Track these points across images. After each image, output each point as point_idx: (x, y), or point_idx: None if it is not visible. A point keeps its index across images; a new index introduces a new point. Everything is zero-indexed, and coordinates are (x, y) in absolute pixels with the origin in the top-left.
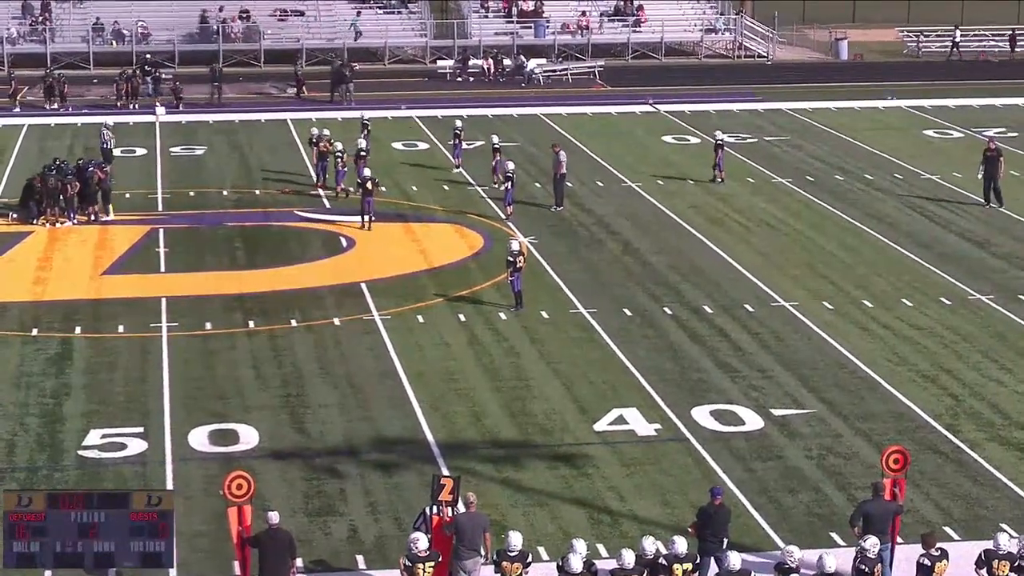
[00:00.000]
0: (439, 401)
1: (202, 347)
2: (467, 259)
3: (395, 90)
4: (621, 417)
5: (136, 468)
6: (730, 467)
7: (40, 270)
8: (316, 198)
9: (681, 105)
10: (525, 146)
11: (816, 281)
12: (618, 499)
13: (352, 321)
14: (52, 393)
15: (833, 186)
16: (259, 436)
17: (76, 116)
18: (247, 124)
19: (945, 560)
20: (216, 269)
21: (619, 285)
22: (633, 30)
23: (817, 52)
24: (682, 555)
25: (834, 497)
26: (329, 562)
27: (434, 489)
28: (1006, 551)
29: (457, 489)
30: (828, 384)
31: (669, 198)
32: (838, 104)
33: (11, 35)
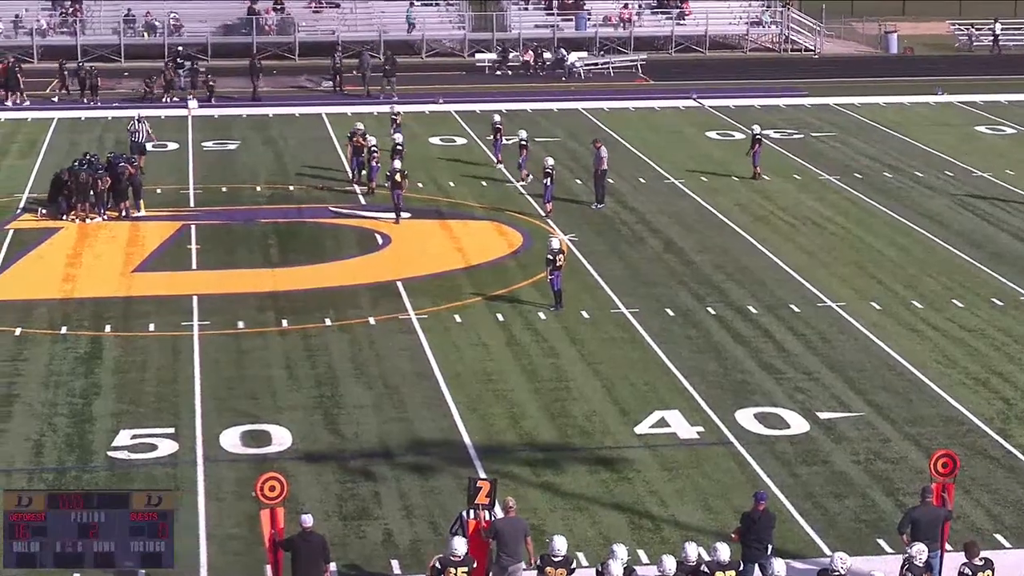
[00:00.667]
0: (476, 402)
1: (234, 346)
2: (506, 257)
3: (432, 84)
4: (663, 420)
5: (167, 469)
6: (775, 471)
7: (69, 267)
8: (351, 194)
9: (726, 100)
10: (565, 141)
11: (864, 281)
12: (659, 504)
13: (387, 320)
14: (81, 393)
15: (882, 183)
16: (292, 437)
17: (107, 110)
18: (281, 118)
19: (989, 571)
20: (249, 266)
21: (661, 284)
22: (677, 23)
23: (866, 46)
24: (725, 562)
25: (881, 503)
26: (363, 566)
27: (470, 492)
28: None
29: (494, 492)
30: (876, 387)
31: (713, 195)
32: (887, 99)
33: (41, 27)
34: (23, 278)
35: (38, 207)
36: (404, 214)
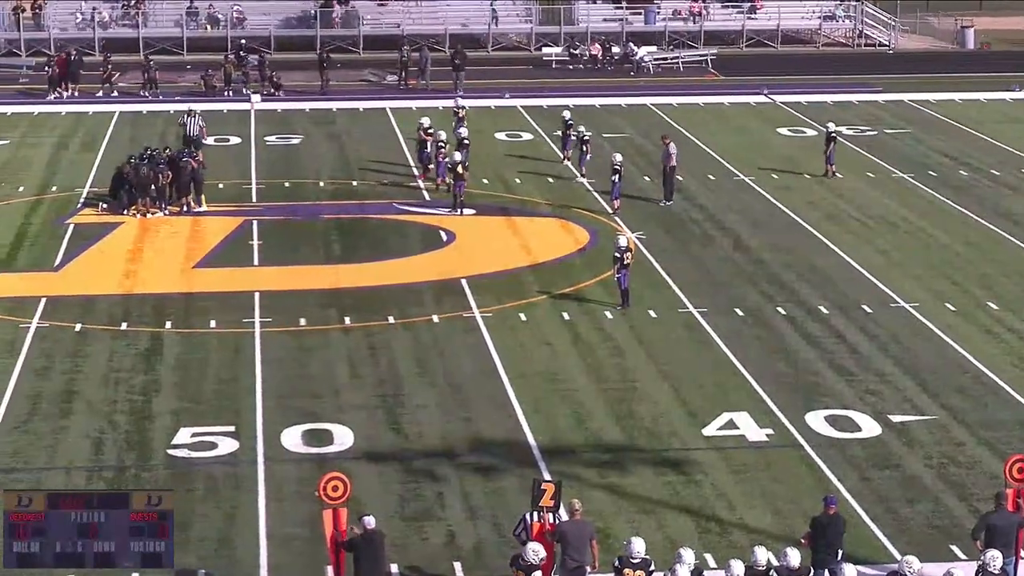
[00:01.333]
0: (541, 402)
1: (296, 344)
2: (572, 255)
3: (499, 78)
4: (731, 422)
5: (227, 468)
6: (845, 475)
7: (130, 263)
8: (416, 190)
9: (798, 96)
10: (634, 137)
11: (938, 281)
12: (727, 507)
13: (452, 318)
14: (141, 390)
15: (957, 181)
16: (354, 437)
17: (168, 103)
18: (345, 113)
19: None
20: (311, 263)
21: (730, 284)
22: (748, 17)
23: (942, 41)
24: (795, 567)
25: (955, 508)
26: (425, 568)
27: (535, 494)
28: None
29: (559, 494)
30: (950, 389)
31: (784, 193)
32: (963, 95)
33: (103, 19)
34: (83, 274)
35: (99, 202)
36: (468, 210)
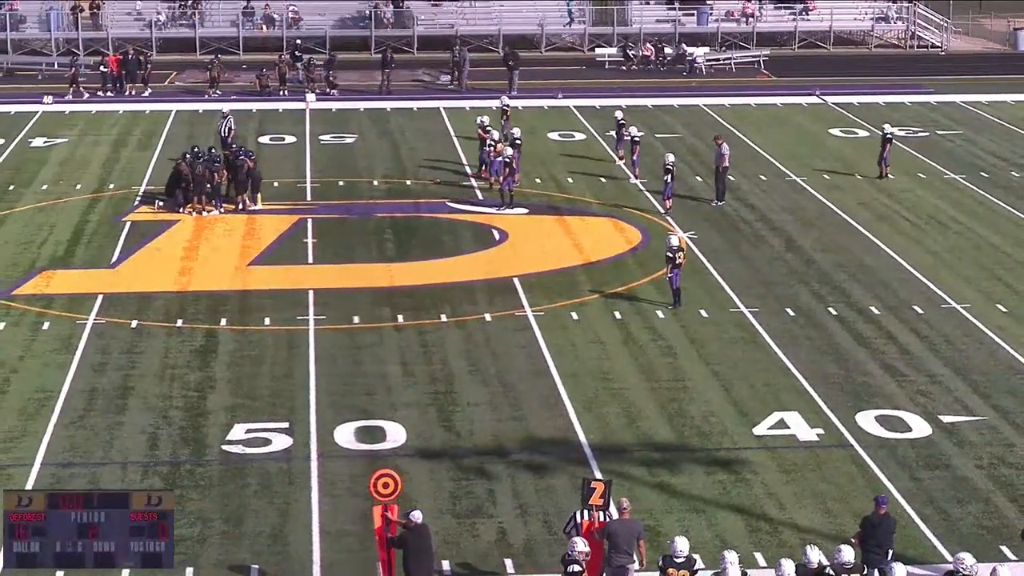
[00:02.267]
0: (592, 401)
1: (349, 341)
2: (624, 254)
3: (552, 78)
4: (782, 421)
5: (281, 464)
6: (895, 475)
7: (186, 260)
8: (468, 189)
9: (850, 97)
10: (687, 138)
11: (990, 282)
12: (778, 507)
13: (504, 317)
14: (196, 386)
15: (1009, 183)
16: (406, 434)
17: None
18: (399, 112)
19: None
20: (365, 261)
21: (782, 284)
22: (800, 18)
23: (994, 42)
24: (849, 564)
25: (1005, 509)
26: (476, 565)
27: (584, 493)
28: None
29: (608, 493)
30: (1001, 391)
31: (835, 193)
32: (1015, 97)
33: (160, 19)
34: (140, 271)
35: (155, 199)
36: (520, 209)
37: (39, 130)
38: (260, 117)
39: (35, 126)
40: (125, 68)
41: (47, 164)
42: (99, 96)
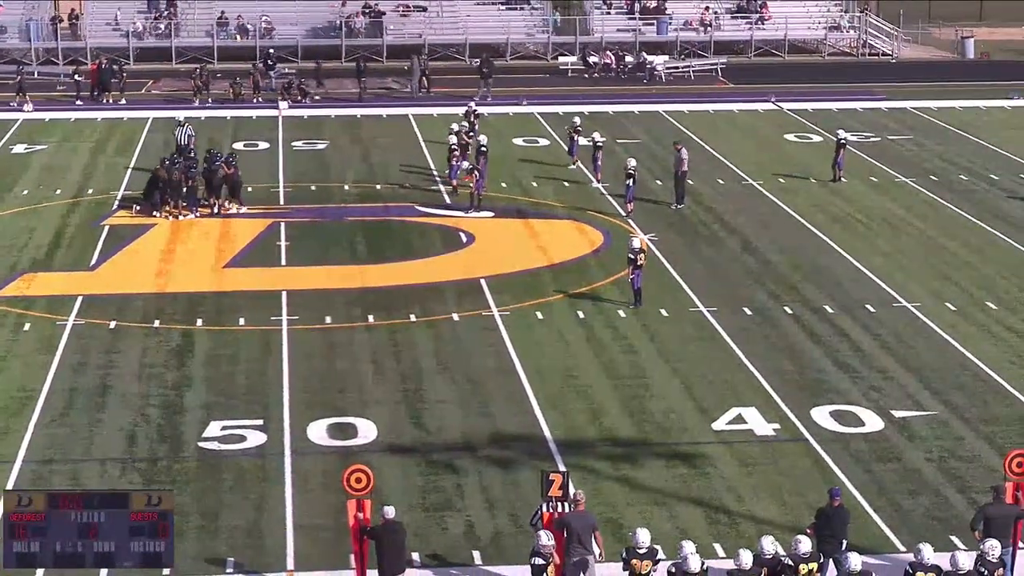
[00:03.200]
0: (557, 398)
1: (322, 341)
2: (587, 256)
3: (516, 86)
4: (740, 416)
5: (255, 460)
6: (849, 468)
7: (163, 262)
8: (436, 193)
9: (804, 103)
10: (647, 143)
11: (939, 282)
12: (736, 499)
13: (471, 317)
14: (173, 384)
15: (957, 186)
16: (377, 430)
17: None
18: (369, 119)
19: None
20: (337, 263)
21: (739, 284)
22: (756, 27)
23: (943, 51)
24: (807, 555)
25: (954, 500)
26: (445, 557)
27: (543, 486)
28: None
29: (567, 484)
30: (950, 387)
31: (791, 196)
32: (963, 103)
33: (137, 29)
34: (118, 273)
35: (133, 204)
36: (487, 213)
37: (19, 137)
38: (234, 124)
39: (16, 133)
40: (100, 77)
41: (28, 170)
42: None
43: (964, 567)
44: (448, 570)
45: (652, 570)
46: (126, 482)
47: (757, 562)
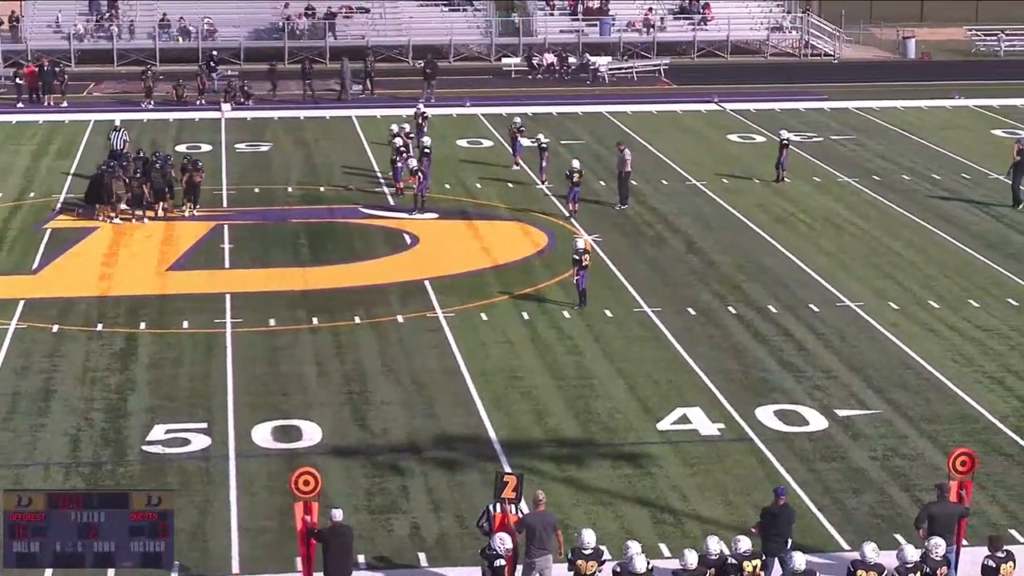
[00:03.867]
0: (502, 399)
1: (266, 343)
2: (531, 257)
3: (460, 87)
4: (684, 416)
5: (199, 464)
6: (794, 467)
7: (106, 265)
8: (380, 195)
9: (747, 104)
10: (590, 144)
11: (882, 281)
12: (681, 499)
13: (416, 318)
14: (117, 388)
15: (900, 185)
16: (322, 433)
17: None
18: (312, 121)
19: (1011, 562)
20: (281, 265)
21: (683, 284)
22: (699, 28)
23: (884, 51)
24: (747, 553)
25: (898, 498)
26: (391, 559)
27: (497, 486)
28: None
29: (520, 487)
30: (893, 385)
31: (734, 197)
32: (905, 103)
33: (78, 31)
34: (60, 276)
35: (75, 207)
36: (431, 214)
37: None
38: (177, 126)
39: None
40: (41, 79)
41: None
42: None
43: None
44: (394, 572)
45: (598, 570)
46: (68, 486)
47: (703, 562)
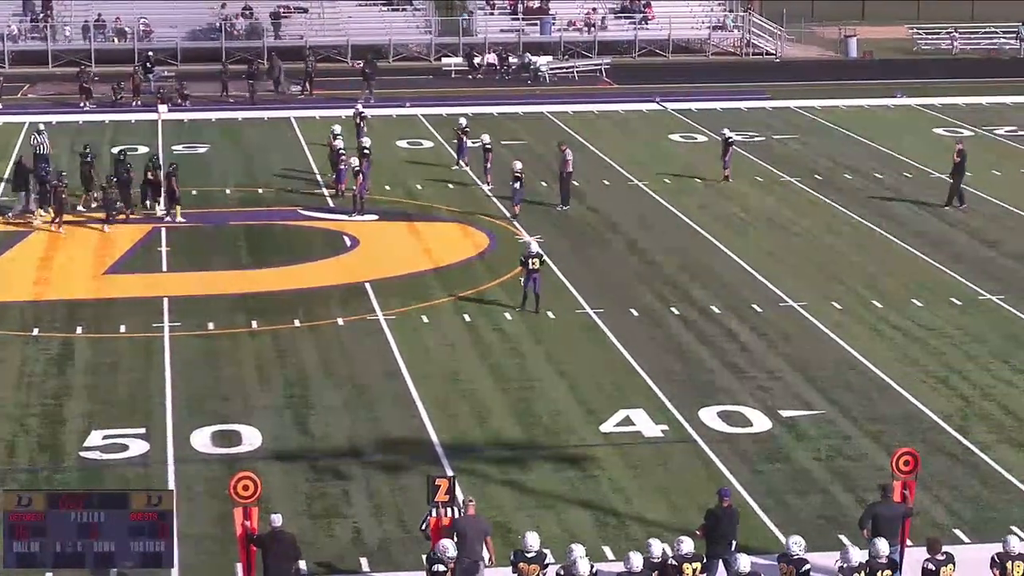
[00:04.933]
0: (444, 402)
1: (205, 347)
2: (472, 258)
3: (399, 88)
4: (628, 418)
5: (138, 469)
6: (737, 469)
7: (41, 270)
8: (319, 196)
9: (688, 103)
10: (531, 144)
11: (825, 281)
12: (624, 501)
13: (356, 321)
14: (53, 394)
15: (842, 185)
16: (262, 437)
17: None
18: (250, 122)
19: (951, 565)
20: (219, 268)
21: (626, 285)
22: (640, 27)
23: (826, 50)
24: (690, 555)
25: (842, 499)
26: (333, 564)
27: (429, 490)
28: (1017, 552)
29: (453, 489)
30: (837, 385)
31: (676, 197)
32: (847, 102)
33: (12, 32)
34: None
35: (6, 210)
36: (371, 216)
37: None
38: (113, 128)
39: None
40: None
41: None
42: None
43: (856, 561)
44: None
45: (541, 573)
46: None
47: (647, 564)
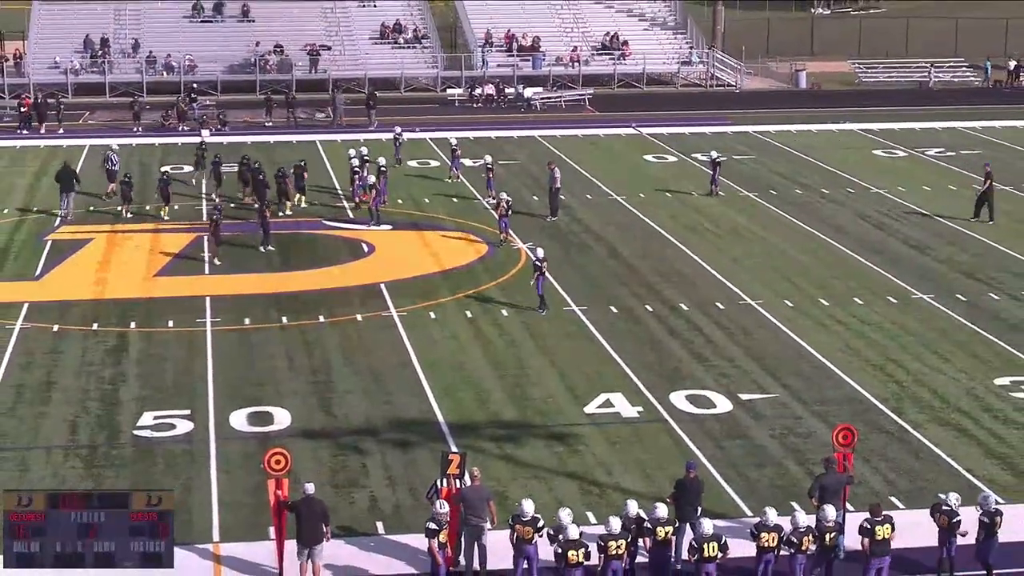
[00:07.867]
0: (449, 387)
1: (241, 340)
2: (475, 263)
3: (410, 115)
4: (608, 401)
5: (184, 446)
6: (703, 445)
7: (100, 272)
8: (340, 209)
9: (660, 128)
10: (525, 163)
11: (779, 282)
12: (605, 473)
13: (373, 317)
14: (110, 380)
15: (794, 199)
16: (291, 418)
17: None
18: (282, 144)
19: (887, 525)
20: (254, 271)
21: (606, 286)
22: (619, 63)
23: (780, 82)
24: (663, 519)
25: (794, 471)
26: (353, 528)
27: (443, 464)
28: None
29: (464, 464)
30: (789, 372)
31: (650, 209)
32: (798, 127)
33: (74, 67)
34: (60, 282)
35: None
36: (387, 226)
37: None
38: (162, 150)
39: None
40: (36, 109)
41: None
42: (21, 133)
43: (803, 525)
44: (355, 539)
45: (536, 534)
46: (68, 467)
47: (624, 527)
